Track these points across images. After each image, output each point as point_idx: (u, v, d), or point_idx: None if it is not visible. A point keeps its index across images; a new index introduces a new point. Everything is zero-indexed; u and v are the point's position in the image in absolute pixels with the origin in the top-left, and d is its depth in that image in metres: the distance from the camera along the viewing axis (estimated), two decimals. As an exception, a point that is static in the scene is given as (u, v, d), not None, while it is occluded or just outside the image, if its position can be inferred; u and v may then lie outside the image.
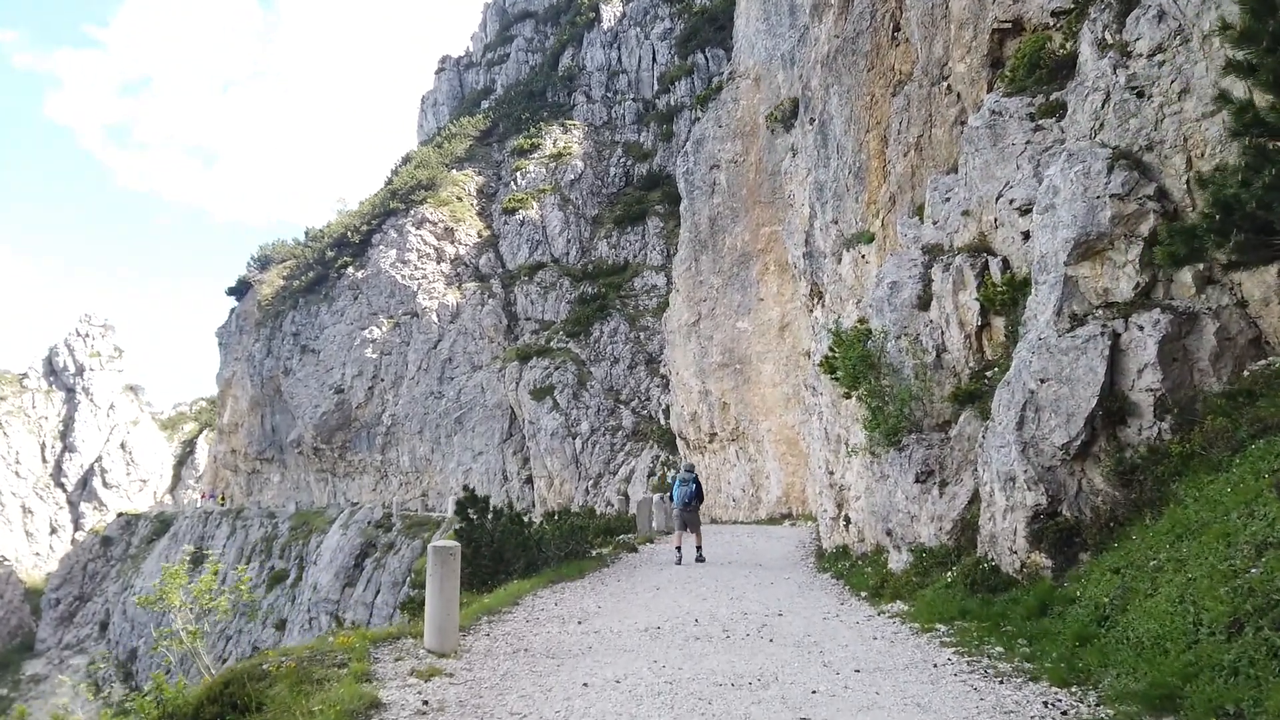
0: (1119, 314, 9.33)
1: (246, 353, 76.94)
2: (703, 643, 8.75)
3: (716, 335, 36.95)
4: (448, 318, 67.81)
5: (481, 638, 8.76)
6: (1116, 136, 9.88)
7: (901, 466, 11.49)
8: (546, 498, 56.56)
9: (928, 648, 8.14)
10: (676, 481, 17.10)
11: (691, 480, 17.11)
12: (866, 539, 14.11)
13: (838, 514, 15.98)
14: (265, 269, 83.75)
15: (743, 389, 36.07)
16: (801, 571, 15.98)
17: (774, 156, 34.04)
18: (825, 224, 16.81)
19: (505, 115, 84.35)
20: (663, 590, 13.02)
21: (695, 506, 17.02)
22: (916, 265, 12.78)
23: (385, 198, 77.85)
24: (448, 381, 65.73)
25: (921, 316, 12.39)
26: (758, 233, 35.35)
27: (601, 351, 60.86)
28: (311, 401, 69.32)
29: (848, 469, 15.46)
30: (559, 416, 57.10)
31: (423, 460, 65.61)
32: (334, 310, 71.19)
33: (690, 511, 16.81)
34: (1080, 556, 9.00)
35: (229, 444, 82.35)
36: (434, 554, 8.06)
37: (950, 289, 11.92)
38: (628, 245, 69.22)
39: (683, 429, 40.46)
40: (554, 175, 74.78)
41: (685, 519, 16.74)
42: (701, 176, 37.40)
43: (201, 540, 72.71)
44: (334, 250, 75.69)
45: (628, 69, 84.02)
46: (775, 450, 34.77)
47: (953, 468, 10.95)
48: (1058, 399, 9.28)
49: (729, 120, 36.15)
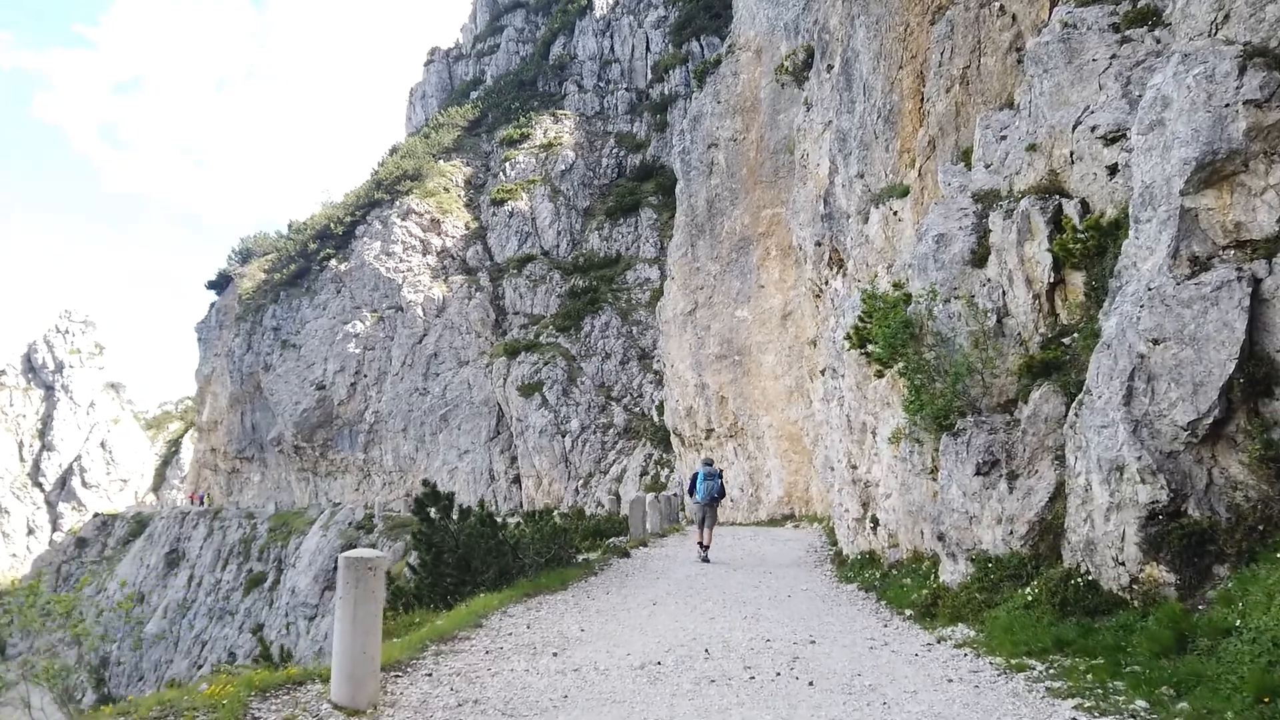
0: (1258, 254, 7.16)
1: (226, 348, 74.45)
2: (719, 687, 6.54)
3: (714, 325, 34.76)
4: (433, 312, 65.49)
5: (419, 680, 6.47)
6: (1248, 30, 7.72)
7: (957, 456, 9.30)
8: (535, 498, 54.30)
9: (1031, 697, 5.92)
10: (700, 476, 16.66)
11: (716, 475, 16.70)
12: (901, 543, 11.93)
13: (862, 514, 13.79)
14: (246, 262, 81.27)
15: (742, 382, 33.89)
16: (820, 581, 13.80)
17: (776, 133, 31.89)
18: (849, 179, 14.58)
19: (495, 105, 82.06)
20: (660, 606, 10.81)
21: (719, 503, 16.68)
22: (968, 215, 10.60)
23: (370, 188, 75.48)
24: (433, 378, 63.41)
25: (976, 275, 10.20)
26: (758, 215, 33.18)
27: (592, 346, 58.65)
28: (292, 398, 66.90)
29: (874, 462, 13.29)
30: (548, 414, 54.85)
31: (407, 459, 63.25)
32: (316, 304, 68.77)
33: (713, 508, 16.45)
34: (1215, 570, 6.84)
35: (208, 442, 79.85)
36: (345, 569, 5.63)
37: (1014, 240, 9.74)
38: (620, 237, 67.01)
39: (678, 425, 38.25)
40: (544, 166, 72.55)
41: (708, 514, 16.32)
42: (698, 156, 35.18)
43: (178, 542, 70.21)
44: (316, 242, 73.25)
45: (620, 58, 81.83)
46: (776, 447, 32.60)
47: (1024, 456, 8.76)
48: (1179, 365, 7.11)
49: (728, 95, 33.92)
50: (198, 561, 67.38)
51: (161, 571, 69.55)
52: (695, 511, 16.68)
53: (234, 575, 64.16)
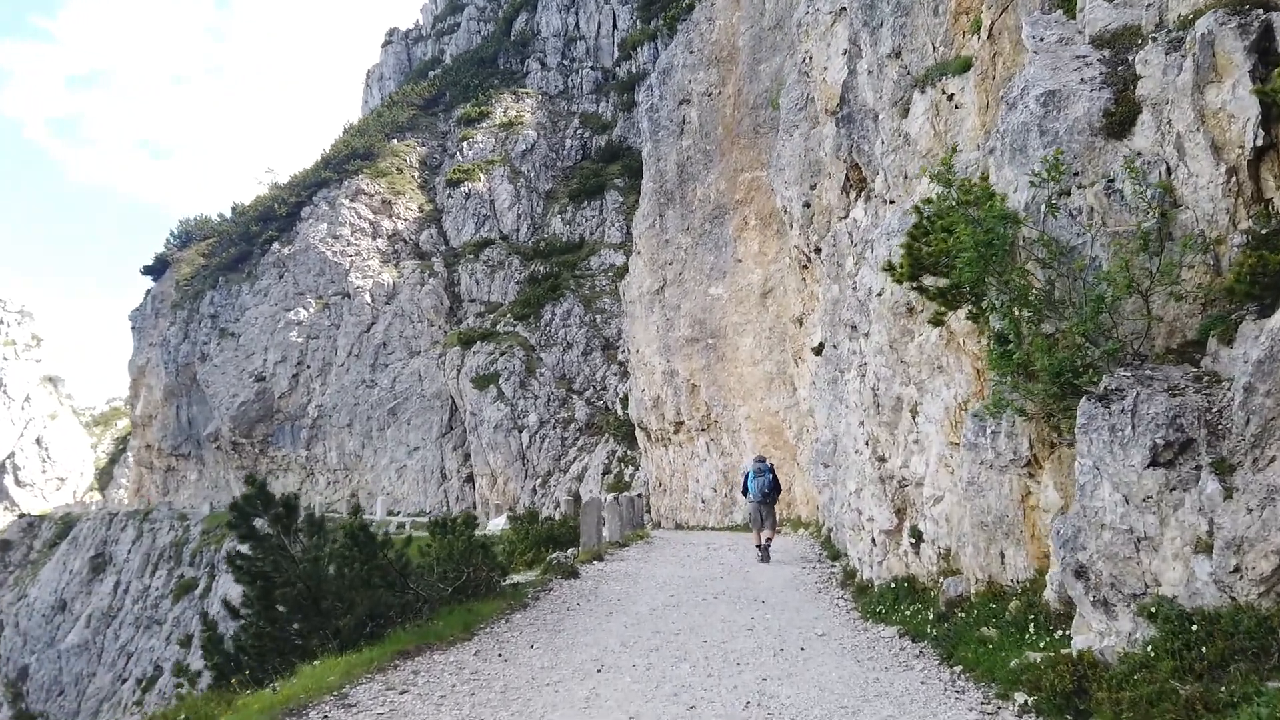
0: None
1: (161, 337, 69.37)
2: None
3: (685, 304, 30.89)
4: (383, 298, 61.07)
5: None
6: None
7: (1113, 434, 5.46)
8: (489, 498, 50.16)
9: None
10: (750, 473, 16.19)
11: (767, 470, 16.08)
12: (966, 570, 8.11)
13: (895, 525, 9.95)
14: (186, 246, 76.22)
15: (715, 368, 30.06)
16: (835, 617, 9.98)
17: (757, 85, 28.07)
18: (878, 62, 10.66)
19: (453, 83, 77.72)
20: (608, 674, 6.93)
21: (774, 499, 16.09)
22: (1090, 64, 6.82)
23: (318, 168, 70.81)
24: (381, 369, 58.98)
25: (1115, 149, 6.40)
26: (735, 180, 29.34)
27: (553, 336, 54.60)
28: (229, 390, 62.10)
29: (915, 451, 9.45)
30: (504, 407, 50.73)
31: (352, 456, 58.78)
32: (257, 290, 64.00)
33: (768, 505, 15.89)
34: None
35: (143, 439, 74.66)
36: None
37: (1185, 85, 5.95)
38: (584, 221, 63.03)
39: (643, 418, 34.33)
40: (504, 145, 68.39)
41: (763, 513, 15.83)
42: (668, 114, 31.22)
43: (104, 545, 65.15)
44: (259, 225, 68.50)
45: (586, 35, 77.80)
46: (754, 441, 28.79)
47: (1246, 434, 4.94)
48: None
49: (702, 45, 30.01)
50: (125, 566, 62.51)
51: (86, 577, 64.54)
52: (750, 512, 16.34)
53: (164, 581, 59.39)
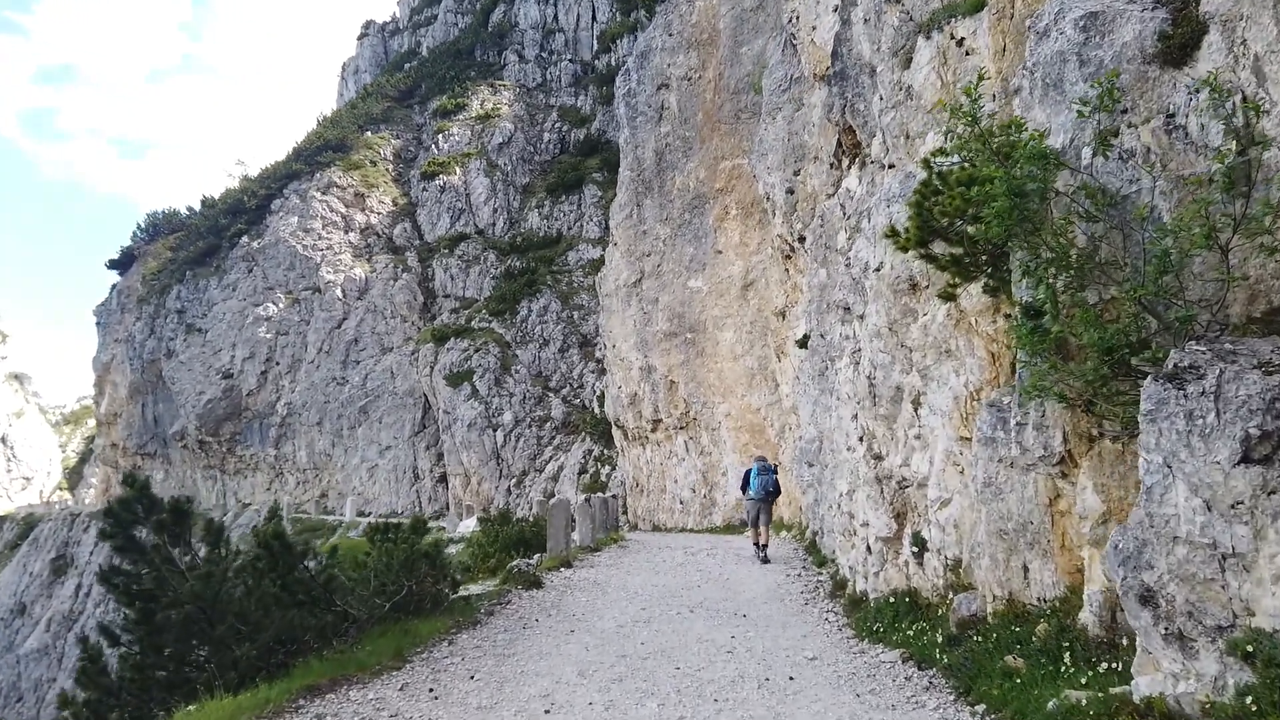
0: None
1: (126, 333, 67.46)
2: None
3: (663, 297, 29.71)
4: (355, 293, 59.50)
5: None
6: None
7: (1189, 423, 4.31)
8: (462, 498, 48.75)
9: None
10: (753, 471, 16.14)
11: (771, 470, 16.13)
12: (981, 585, 6.96)
13: (895, 531, 8.80)
14: (154, 240, 74.25)
15: (694, 364, 28.90)
16: (826, 636, 8.83)
17: (739, 69, 26.93)
18: (875, 7, 9.52)
19: (429, 75, 76.19)
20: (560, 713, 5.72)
21: (774, 499, 16.25)
22: (1139, -20, 5.69)
23: (289, 160, 69.11)
24: (352, 366, 57.41)
25: (1174, 79, 5.27)
26: (716, 168, 28.20)
27: (529, 332, 53.27)
28: (196, 388, 60.35)
29: (918, 448, 8.31)
30: (478, 405, 49.36)
31: (322, 456, 57.17)
32: (225, 284, 62.25)
33: (768, 505, 16.00)
34: None
35: (109, 437, 72.63)
36: None
37: (1265, -6, 4.82)
38: (561, 216, 61.75)
39: (620, 415, 33.11)
40: (480, 138, 67.00)
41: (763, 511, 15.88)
42: (646, 99, 30.02)
43: (66, 547, 63.15)
44: (228, 218, 66.73)
45: (565, 27, 76.49)
46: (734, 440, 27.69)
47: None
48: None
49: (682, 26, 28.84)
50: (87, 569, 60.51)
51: (47, 580, 62.54)
52: (749, 509, 16.30)
53: (127, 584, 57.64)
